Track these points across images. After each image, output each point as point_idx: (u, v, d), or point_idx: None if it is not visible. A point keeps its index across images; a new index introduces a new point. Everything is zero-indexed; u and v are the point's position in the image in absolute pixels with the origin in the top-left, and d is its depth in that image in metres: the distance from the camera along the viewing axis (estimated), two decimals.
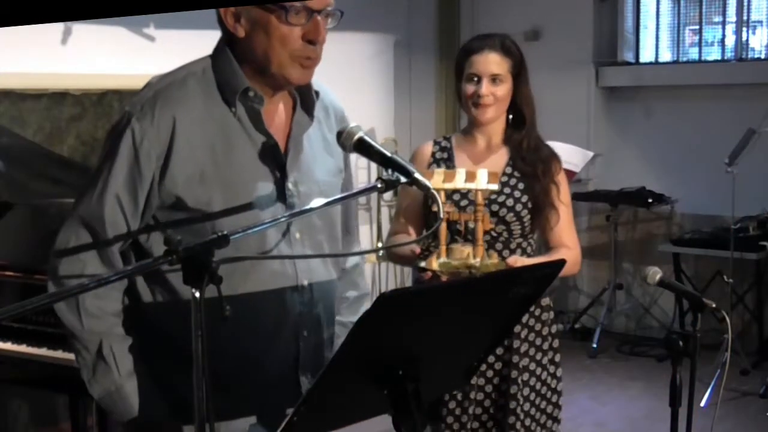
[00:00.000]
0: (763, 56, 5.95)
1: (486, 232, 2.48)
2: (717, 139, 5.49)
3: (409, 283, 3.00)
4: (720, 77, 5.87)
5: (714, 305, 2.30)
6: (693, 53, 6.17)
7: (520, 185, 2.61)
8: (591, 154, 4.64)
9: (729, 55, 5.99)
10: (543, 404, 2.68)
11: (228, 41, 1.83)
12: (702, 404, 4.50)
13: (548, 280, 1.72)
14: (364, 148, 1.74)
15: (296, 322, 1.87)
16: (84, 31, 4.49)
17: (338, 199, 1.73)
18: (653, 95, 6.16)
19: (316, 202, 1.69)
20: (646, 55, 6.34)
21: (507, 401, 2.60)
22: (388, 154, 1.71)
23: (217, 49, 1.85)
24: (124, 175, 1.76)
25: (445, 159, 2.67)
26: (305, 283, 1.87)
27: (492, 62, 2.58)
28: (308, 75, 1.83)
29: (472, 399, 2.60)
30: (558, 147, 4.33)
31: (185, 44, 1.90)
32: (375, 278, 6.15)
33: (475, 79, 2.58)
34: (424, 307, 1.53)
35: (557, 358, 2.72)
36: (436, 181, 2.34)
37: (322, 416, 1.58)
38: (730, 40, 5.99)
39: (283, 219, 1.69)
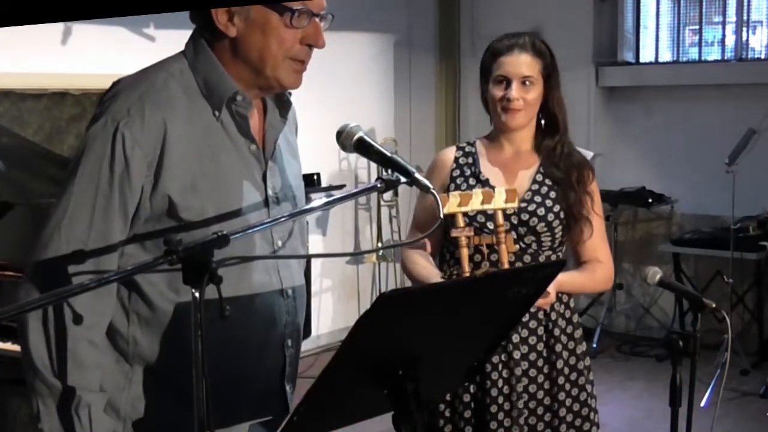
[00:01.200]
0: (763, 56, 5.95)
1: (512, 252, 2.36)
2: (717, 139, 5.50)
3: (408, 283, 3.00)
4: (720, 77, 5.87)
5: (714, 305, 2.30)
6: (693, 53, 6.17)
7: (552, 194, 2.46)
8: (591, 154, 4.62)
9: (729, 55, 5.99)
10: (586, 426, 2.58)
11: (208, 40, 1.73)
12: (702, 404, 4.50)
13: (548, 281, 1.73)
14: (364, 147, 1.73)
15: (282, 332, 1.84)
16: (84, 31, 4.50)
17: (338, 199, 1.72)
18: (653, 95, 6.16)
19: (317, 201, 1.68)
20: (646, 55, 6.34)
21: (556, 424, 2.49)
22: (388, 153, 1.71)
23: (196, 49, 1.75)
24: (116, 189, 1.65)
25: (469, 164, 2.51)
26: (290, 291, 1.84)
27: (523, 63, 2.42)
28: (299, 80, 1.78)
29: (520, 407, 2.46)
30: None
31: (185, 44, 1.86)
32: (375, 278, 6.15)
33: (504, 81, 2.42)
34: (424, 307, 1.53)
35: (591, 375, 2.59)
36: (452, 204, 2.23)
37: (322, 416, 1.57)
38: (730, 40, 5.99)
39: (283, 218, 1.67)
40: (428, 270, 2.46)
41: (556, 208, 2.45)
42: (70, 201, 1.66)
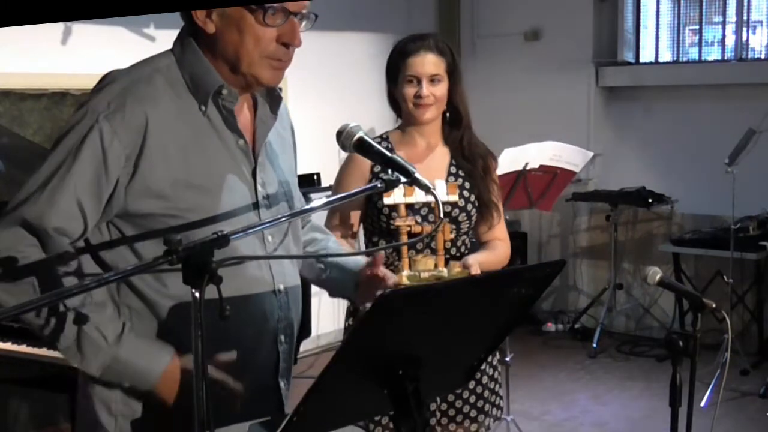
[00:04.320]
0: (763, 56, 5.95)
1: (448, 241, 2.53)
2: (717, 139, 5.49)
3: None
4: (720, 77, 5.87)
5: (714, 305, 2.30)
6: (693, 53, 6.17)
7: (466, 184, 2.65)
8: (591, 154, 4.63)
9: (729, 55, 5.99)
10: (500, 389, 2.76)
11: (193, 36, 1.75)
12: (702, 404, 4.50)
13: (548, 281, 1.72)
14: (364, 147, 1.74)
15: (275, 327, 1.84)
16: (84, 31, 4.50)
17: (338, 199, 1.72)
18: (653, 95, 6.16)
19: (317, 201, 1.68)
20: (646, 55, 6.34)
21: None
22: (388, 153, 1.72)
23: (183, 45, 1.76)
24: (89, 178, 1.65)
25: None
26: (281, 287, 1.84)
27: (429, 63, 2.60)
28: (279, 76, 1.77)
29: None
30: (558, 147, 4.37)
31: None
32: None
33: (415, 80, 2.61)
34: (424, 307, 1.53)
35: (498, 356, 2.78)
36: (397, 194, 2.39)
37: (322, 416, 1.57)
38: (730, 40, 5.98)
39: (283, 219, 1.67)
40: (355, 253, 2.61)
41: (472, 197, 2.65)
42: (35, 187, 1.66)
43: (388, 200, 2.46)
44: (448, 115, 2.67)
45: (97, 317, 1.68)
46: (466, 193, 2.64)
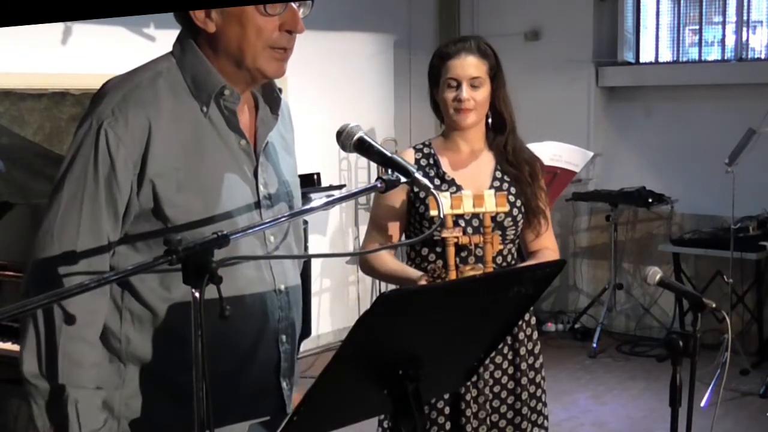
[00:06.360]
0: (763, 56, 5.95)
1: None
2: (717, 139, 5.49)
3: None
4: (720, 77, 5.87)
5: (714, 305, 2.30)
6: (693, 53, 6.17)
7: (512, 189, 2.58)
8: (591, 154, 4.63)
9: (729, 55, 5.99)
10: (543, 408, 2.69)
11: (193, 37, 1.75)
12: (702, 404, 4.50)
13: (548, 280, 1.72)
14: (364, 147, 1.73)
15: (276, 327, 1.84)
16: (84, 31, 4.50)
17: (338, 199, 1.72)
18: (653, 95, 6.16)
19: (317, 201, 1.68)
20: (646, 55, 6.34)
21: (520, 404, 2.61)
22: (388, 153, 1.71)
23: (182, 47, 1.76)
24: (103, 189, 1.66)
25: (431, 165, 2.60)
26: (282, 287, 1.84)
27: (470, 65, 2.53)
28: (283, 68, 1.77)
29: (487, 408, 2.57)
30: (558, 147, 4.37)
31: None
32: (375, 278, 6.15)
33: (454, 84, 2.53)
34: (424, 307, 1.53)
35: (545, 384, 2.71)
36: (444, 206, 2.31)
37: (322, 416, 1.57)
38: (730, 40, 5.98)
39: (283, 219, 1.67)
40: (402, 265, 2.58)
41: (518, 202, 2.58)
42: (61, 204, 1.68)
43: (434, 212, 2.40)
44: (490, 120, 2.60)
45: (85, 403, 1.68)
46: (511, 198, 2.56)
